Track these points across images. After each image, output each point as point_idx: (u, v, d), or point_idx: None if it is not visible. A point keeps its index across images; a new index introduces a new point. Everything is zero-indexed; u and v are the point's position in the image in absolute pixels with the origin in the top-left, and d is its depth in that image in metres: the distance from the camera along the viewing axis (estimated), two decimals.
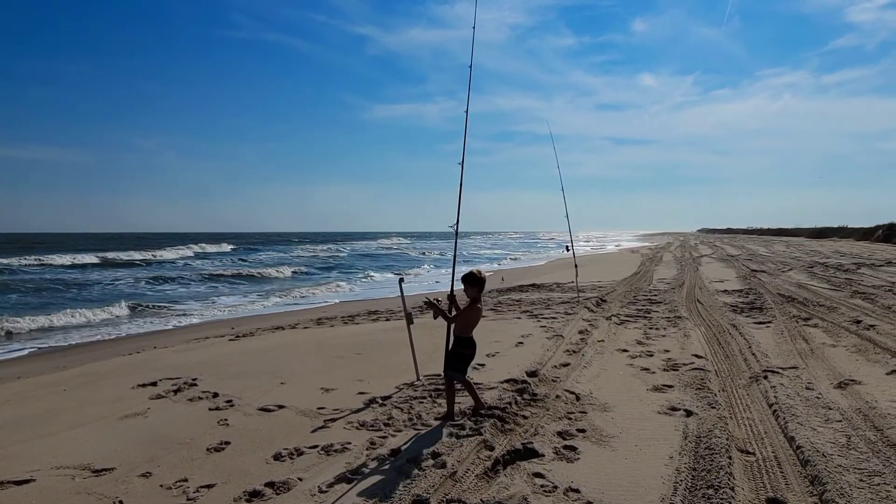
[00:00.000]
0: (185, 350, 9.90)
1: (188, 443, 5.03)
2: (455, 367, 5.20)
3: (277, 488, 3.99)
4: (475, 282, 5.20)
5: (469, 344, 5.25)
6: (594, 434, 4.78)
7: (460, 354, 5.21)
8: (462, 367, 5.22)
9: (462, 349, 5.22)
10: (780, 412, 5.05)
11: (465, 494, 3.74)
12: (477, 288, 5.21)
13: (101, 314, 16.07)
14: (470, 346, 5.25)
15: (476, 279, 5.20)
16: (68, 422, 5.88)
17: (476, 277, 5.20)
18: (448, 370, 5.23)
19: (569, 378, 6.50)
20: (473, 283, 5.20)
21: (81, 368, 8.89)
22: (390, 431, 5.03)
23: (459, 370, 5.21)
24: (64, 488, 4.24)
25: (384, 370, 7.27)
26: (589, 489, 3.78)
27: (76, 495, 4.11)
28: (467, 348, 5.23)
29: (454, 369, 5.20)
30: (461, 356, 5.21)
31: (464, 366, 5.23)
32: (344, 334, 10.46)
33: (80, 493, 4.15)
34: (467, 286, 5.23)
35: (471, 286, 5.21)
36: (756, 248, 38.47)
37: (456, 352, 5.23)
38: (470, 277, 5.21)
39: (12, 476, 4.45)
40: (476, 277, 5.20)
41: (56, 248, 61.28)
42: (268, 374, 7.36)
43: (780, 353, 7.42)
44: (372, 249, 64.21)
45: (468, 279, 5.22)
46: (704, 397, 5.63)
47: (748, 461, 4.17)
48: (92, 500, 4.02)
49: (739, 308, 11.48)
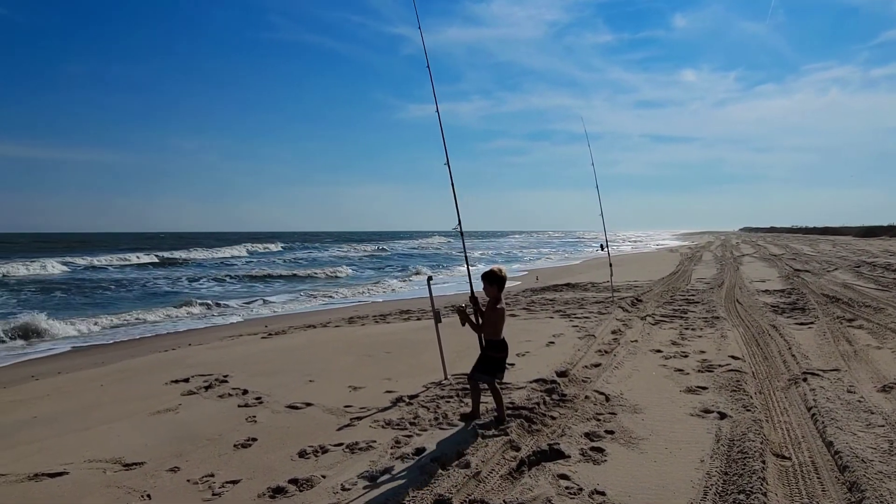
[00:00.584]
0: (219, 347, 10.05)
1: (216, 439, 5.08)
2: (481, 370, 5.04)
3: (300, 485, 3.99)
4: (494, 279, 4.99)
5: (498, 347, 5.03)
6: (623, 436, 4.66)
7: (488, 358, 5.04)
8: (489, 370, 5.01)
9: (490, 352, 5.04)
10: (818, 416, 4.85)
11: (489, 495, 3.68)
12: (496, 286, 5.01)
13: (178, 312, 16.53)
14: (499, 350, 5.03)
15: (495, 277, 4.99)
16: (103, 417, 6.01)
17: (496, 275, 4.99)
18: (475, 372, 5.08)
19: (599, 378, 6.38)
20: (493, 280, 4.99)
21: (118, 365, 9.11)
22: (416, 430, 4.99)
23: (487, 373, 5.02)
24: (95, 481, 4.32)
25: (412, 369, 7.25)
26: (615, 492, 3.68)
27: (106, 488, 4.18)
28: (496, 351, 5.03)
29: (481, 371, 5.04)
30: (489, 359, 5.03)
31: (492, 369, 5.02)
32: (374, 333, 10.49)
33: (110, 486, 4.22)
34: (486, 284, 5.04)
35: (490, 284, 5.01)
36: (800, 248, 37.35)
37: (485, 355, 5.07)
38: (489, 275, 5.01)
39: (47, 469, 4.56)
40: (496, 275, 4.99)
41: (106, 247, 63.09)
42: (297, 371, 7.42)
43: (821, 355, 7.15)
44: (417, 249, 64.36)
45: (487, 277, 5.03)
46: (739, 399, 5.44)
47: (783, 466, 4.00)
48: (121, 493, 4.09)
49: (780, 308, 11.13)
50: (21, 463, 4.76)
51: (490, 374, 5.02)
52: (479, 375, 5.05)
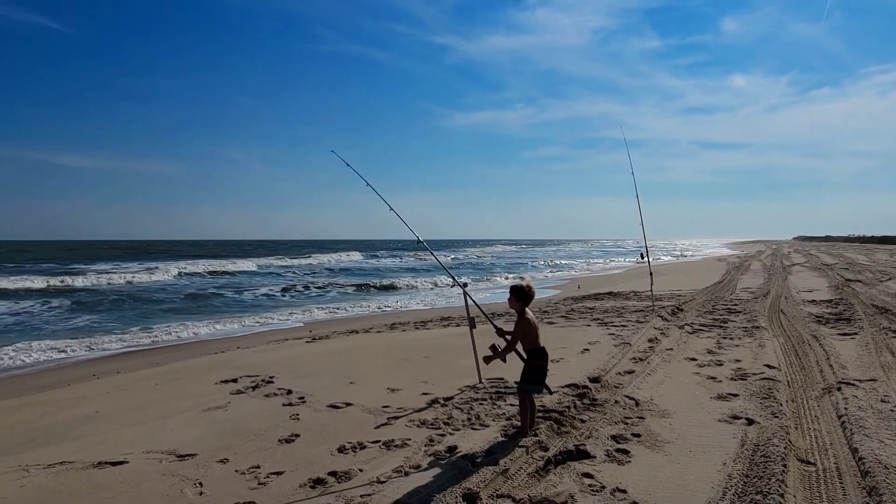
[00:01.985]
0: (266, 350, 10.48)
1: (262, 434, 5.42)
2: (530, 380, 4.97)
3: (339, 477, 4.27)
4: (522, 296, 5.04)
5: (539, 354, 4.99)
6: (649, 439, 4.79)
7: (534, 367, 4.98)
8: (537, 379, 4.97)
9: (535, 361, 4.98)
10: (847, 424, 4.88)
11: (515, 491, 3.88)
12: (522, 303, 5.03)
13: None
14: (540, 357, 4.98)
15: (524, 294, 5.04)
16: (158, 412, 6.43)
17: (523, 292, 5.04)
18: (523, 383, 5.01)
19: (631, 384, 6.49)
20: (521, 296, 5.04)
21: (172, 365, 9.61)
22: (449, 430, 5.23)
23: (535, 383, 4.97)
24: (152, 470, 4.69)
25: (448, 373, 7.48)
26: (636, 490, 3.83)
27: (162, 476, 4.55)
28: (538, 359, 4.98)
29: (530, 382, 4.98)
30: (535, 368, 4.98)
31: (540, 378, 4.98)
32: (413, 338, 10.77)
33: (165, 474, 4.58)
34: (513, 298, 5.08)
35: (517, 299, 5.04)
36: (855, 257, 36.15)
37: (530, 365, 5.01)
38: (518, 290, 5.06)
39: (108, 458, 4.97)
40: (523, 292, 5.04)
41: (175, 255, 65.38)
42: (339, 373, 7.74)
43: (860, 366, 7.09)
44: (489, 257, 64.73)
45: (516, 292, 5.08)
46: (769, 407, 5.49)
47: (807, 471, 4.08)
48: (176, 480, 4.44)
49: (825, 319, 10.95)
50: (85, 452, 5.18)
51: (539, 384, 4.99)
52: (528, 387, 4.99)
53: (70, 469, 4.80)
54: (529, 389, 5.00)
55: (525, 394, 5.01)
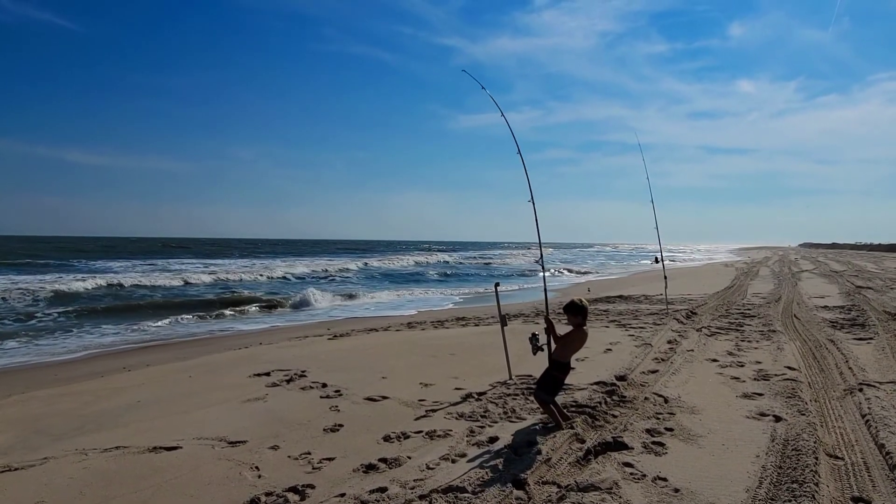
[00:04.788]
0: (289, 347, 10.71)
1: (306, 424, 5.65)
2: (546, 390, 5.23)
3: (390, 463, 4.50)
4: (577, 310, 5.21)
5: (564, 368, 5.24)
6: (682, 433, 5.01)
7: (553, 377, 5.22)
8: (553, 390, 5.24)
9: (556, 372, 5.23)
10: (872, 422, 5.09)
11: (559, 478, 4.11)
12: (581, 316, 5.20)
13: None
14: (564, 371, 5.24)
15: (577, 308, 5.21)
16: (198, 403, 6.66)
17: (577, 306, 5.21)
18: (539, 390, 5.29)
19: (657, 383, 6.70)
20: (576, 311, 5.21)
21: (200, 360, 9.85)
22: (487, 422, 5.45)
23: (550, 392, 5.23)
24: (207, 455, 4.92)
25: (477, 369, 7.71)
26: (676, 479, 4.05)
27: (218, 461, 4.78)
28: (561, 372, 5.23)
29: (545, 391, 5.23)
30: (553, 379, 5.22)
31: (554, 389, 5.25)
32: (435, 337, 10.99)
33: (221, 459, 4.82)
34: (570, 315, 5.25)
35: (573, 315, 5.22)
36: (863, 265, 36.22)
37: (550, 374, 5.24)
38: (571, 307, 5.23)
39: (162, 443, 5.20)
40: (577, 306, 5.21)
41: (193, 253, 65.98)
42: (369, 368, 7.97)
43: (879, 369, 7.29)
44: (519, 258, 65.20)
45: (570, 309, 5.24)
46: (795, 405, 5.70)
47: (836, 465, 4.29)
48: (232, 465, 4.67)
49: (839, 324, 11.13)
50: (138, 438, 5.42)
51: (551, 395, 5.25)
52: (542, 395, 5.25)
53: (127, 453, 5.03)
54: (542, 398, 5.26)
55: (538, 400, 5.30)
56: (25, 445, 5.38)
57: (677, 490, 3.88)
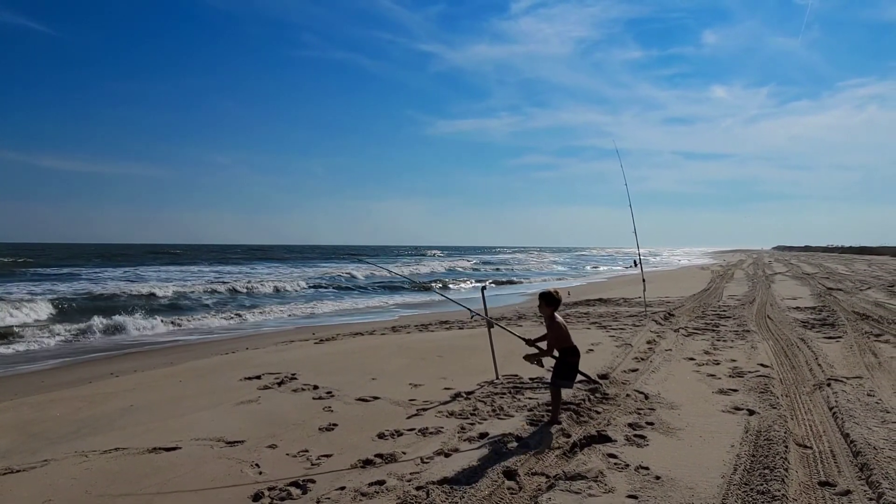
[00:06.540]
0: (277, 351, 10.84)
1: (301, 424, 5.82)
2: (563, 376, 5.46)
3: (386, 458, 4.71)
4: (551, 301, 5.56)
5: (574, 352, 5.49)
6: (662, 426, 5.28)
7: (567, 363, 5.46)
8: (570, 375, 5.48)
9: (570, 358, 5.47)
10: (839, 414, 5.41)
11: (548, 468, 4.35)
12: (552, 307, 5.55)
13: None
14: (574, 354, 5.49)
15: (552, 299, 5.54)
16: (192, 406, 6.79)
17: (553, 297, 5.55)
18: (556, 379, 5.47)
19: (638, 381, 6.99)
20: (550, 302, 5.56)
21: (188, 364, 9.94)
22: (477, 420, 5.67)
23: (568, 378, 5.48)
24: (207, 454, 5.08)
25: (464, 370, 7.93)
26: (657, 467, 4.31)
27: (218, 459, 4.94)
28: (573, 356, 5.48)
29: (563, 377, 5.46)
30: (568, 364, 5.46)
31: (572, 373, 5.49)
32: (421, 340, 11.20)
33: (221, 458, 4.98)
34: (543, 304, 5.59)
35: (547, 305, 5.55)
36: (835, 267, 37.22)
37: (564, 361, 5.47)
38: (547, 296, 5.58)
39: (161, 444, 5.34)
40: (553, 297, 5.55)
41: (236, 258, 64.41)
42: (359, 371, 8.15)
43: (846, 365, 7.66)
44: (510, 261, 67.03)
45: (545, 297, 5.58)
46: (767, 400, 6.02)
47: (805, 453, 4.59)
48: (233, 463, 4.84)
49: (810, 324, 11.57)
50: (136, 440, 5.54)
51: (571, 380, 5.55)
52: (562, 382, 5.48)
53: (126, 454, 5.16)
54: (562, 384, 5.52)
55: (557, 388, 5.52)
56: (23, 449, 5.48)
57: (658, 477, 4.14)
